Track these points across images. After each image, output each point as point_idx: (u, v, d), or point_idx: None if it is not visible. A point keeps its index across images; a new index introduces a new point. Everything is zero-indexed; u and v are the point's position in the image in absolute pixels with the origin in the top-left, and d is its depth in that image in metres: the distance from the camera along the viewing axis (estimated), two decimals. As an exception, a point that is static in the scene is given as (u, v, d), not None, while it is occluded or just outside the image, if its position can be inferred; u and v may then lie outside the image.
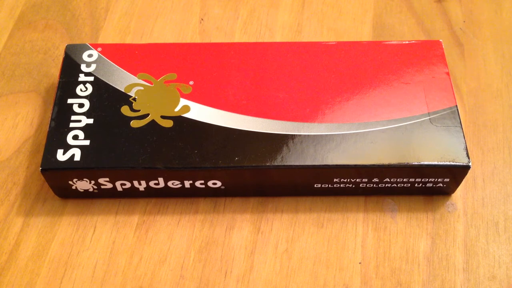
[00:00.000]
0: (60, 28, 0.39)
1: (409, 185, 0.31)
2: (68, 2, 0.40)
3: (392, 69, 0.32)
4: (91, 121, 0.31)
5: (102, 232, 0.31)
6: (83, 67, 0.33)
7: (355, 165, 0.29)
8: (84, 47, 0.33)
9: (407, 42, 0.34)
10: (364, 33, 0.39)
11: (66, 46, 0.34)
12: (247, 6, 0.40)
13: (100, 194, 0.31)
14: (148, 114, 0.31)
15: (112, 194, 0.31)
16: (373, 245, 0.30)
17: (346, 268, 0.30)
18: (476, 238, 0.31)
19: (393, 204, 0.32)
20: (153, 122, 0.31)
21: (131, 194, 0.31)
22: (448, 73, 0.32)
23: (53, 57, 0.37)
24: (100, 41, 0.38)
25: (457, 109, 0.31)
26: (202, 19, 0.39)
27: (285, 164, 0.29)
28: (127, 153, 0.30)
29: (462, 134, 0.30)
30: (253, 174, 0.30)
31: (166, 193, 0.31)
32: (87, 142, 0.30)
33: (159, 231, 0.31)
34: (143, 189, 0.31)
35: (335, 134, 0.30)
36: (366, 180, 0.30)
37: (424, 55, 0.33)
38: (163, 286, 0.29)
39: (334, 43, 0.34)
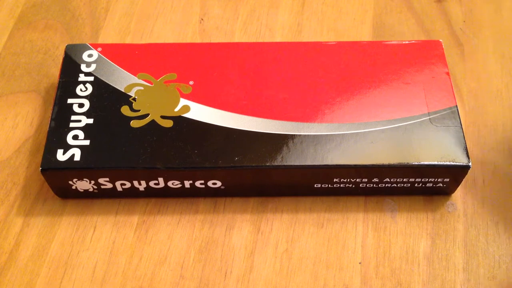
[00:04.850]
0: (60, 28, 0.39)
1: (409, 185, 0.31)
2: (68, 2, 0.40)
3: (392, 69, 0.32)
4: (91, 121, 0.31)
5: (102, 232, 0.31)
6: (83, 67, 0.33)
7: (355, 165, 0.29)
8: (84, 47, 0.33)
9: (407, 42, 0.34)
10: (364, 33, 0.39)
11: (66, 46, 0.34)
12: (247, 6, 0.40)
13: (100, 194, 0.31)
14: (148, 114, 0.31)
15: (112, 194, 0.31)
16: (373, 245, 0.30)
17: (346, 268, 0.30)
18: (476, 238, 0.31)
19: (393, 204, 0.32)
20: (153, 122, 0.31)
21: (131, 194, 0.31)
22: (448, 73, 0.32)
23: (53, 57, 0.37)
24: (100, 41, 0.38)
25: (457, 109, 0.31)
26: (202, 19, 0.39)
27: (285, 164, 0.29)
28: (127, 153, 0.30)
29: (462, 134, 0.30)
30: (253, 174, 0.30)
31: (166, 193, 0.31)
32: (87, 142, 0.30)
33: (159, 231, 0.31)
34: (143, 189, 0.31)
35: (335, 134, 0.30)
36: (366, 180, 0.30)
37: (424, 55, 0.33)
38: (163, 286, 0.29)
39: (334, 43, 0.34)
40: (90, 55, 0.33)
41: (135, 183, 0.30)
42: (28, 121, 0.35)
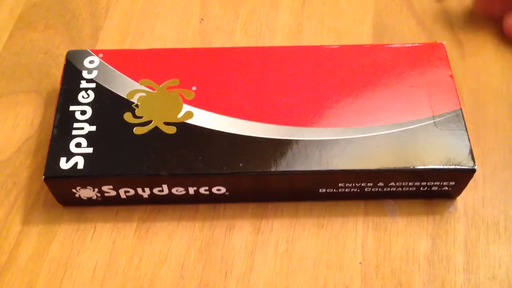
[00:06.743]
0: (60, 28, 0.39)
1: (414, 189, 0.31)
2: (68, 2, 0.40)
3: (395, 73, 0.32)
4: (93, 128, 0.30)
5: (102, 232, 0.31)
6: (85, 74, 0.32)
7: (361, 170, 0.29)
8: (85, 53, 0.33)
9: (410, 45, 0.33)
10: (364, 34, 0.39)
11: (67, 53, 0.33)
12: (247, 6, 0.40)
13: (103, 202, 0.31)
14: (151, 121, 0.31)
15: (115, 201, 0.31)
16: (373, 245, 0.30)
17: (346, 268, 0.30)
18: (477, 238, 0.31)
19: (394, 204, 0.32)
20: (156, 128, 0.30)
21: (135, 201, 0.31)
22: (452, 76, 0.32)
23: (53, 57, 0.37)
24: (100, 41, 0.38)
25: (462, 112, 0.31)
26: (202, 19, 0.39)
27: (290, 169, 0.29)
28: (130, 160, 0.29)
29: (467, 138, 0.30)
30: (257, 180, 0.30)
31: (170, 200, 0.31)
32: (90, 150, 0.30)
33: (159, 231, 0.31)
34: (147, 196, 0.31)
35: (339, 139, 0.30)
36: (371, 184, 0.30)
37: (428, 58, 0.33)
38: (163, 286, 0.29)
39: (336, 46, 0.34)
40: (91, 61, 0.33)
41: (139, 190, 0.30)
42: (29, 121, 0.35)
